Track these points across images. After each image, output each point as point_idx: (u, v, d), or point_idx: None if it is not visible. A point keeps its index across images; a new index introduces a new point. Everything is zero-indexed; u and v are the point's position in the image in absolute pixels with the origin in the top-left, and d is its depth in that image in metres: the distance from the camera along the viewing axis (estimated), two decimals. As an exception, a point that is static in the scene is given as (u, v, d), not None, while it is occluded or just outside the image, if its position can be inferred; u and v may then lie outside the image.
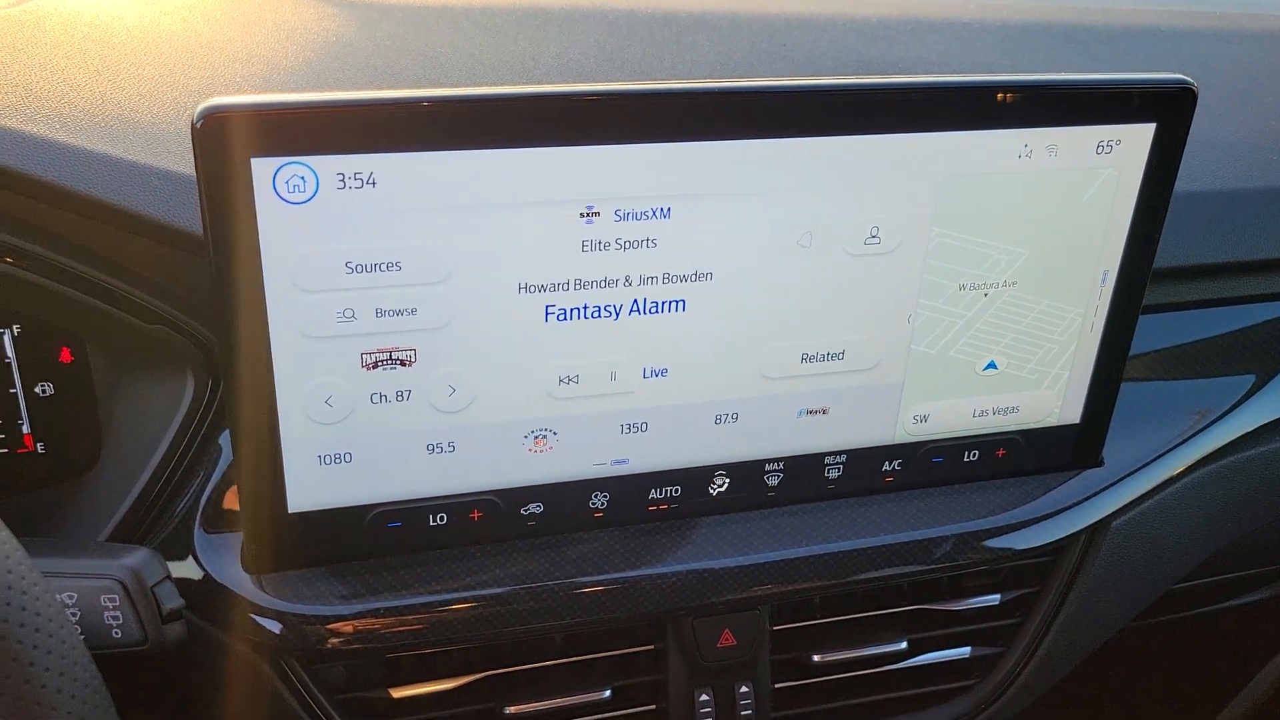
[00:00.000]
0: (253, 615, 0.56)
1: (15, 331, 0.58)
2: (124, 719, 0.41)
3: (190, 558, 0.57)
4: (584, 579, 0.60)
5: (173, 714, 0.64)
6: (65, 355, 0.59)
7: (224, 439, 0.59)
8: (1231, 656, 1.03)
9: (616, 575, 0.60)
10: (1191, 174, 0.72)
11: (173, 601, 0.49)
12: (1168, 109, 0.58)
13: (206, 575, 0.56)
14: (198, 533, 0.57)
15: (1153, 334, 0.76)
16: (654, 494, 0.61)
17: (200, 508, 0.58)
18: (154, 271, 0.57)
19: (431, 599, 0.57)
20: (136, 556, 0.49)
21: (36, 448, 0.60)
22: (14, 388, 0.59)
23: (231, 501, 0.58)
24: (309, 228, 0.49)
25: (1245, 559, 0.88)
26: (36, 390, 0.59)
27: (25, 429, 0.60)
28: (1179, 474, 0.72)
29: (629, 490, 0.61)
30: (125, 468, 0.59)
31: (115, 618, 0.47)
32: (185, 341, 0.58)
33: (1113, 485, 0.70)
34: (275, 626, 0.56)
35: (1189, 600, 0.92)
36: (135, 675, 0.53)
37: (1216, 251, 0.74)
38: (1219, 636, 1.01)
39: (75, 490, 0.61)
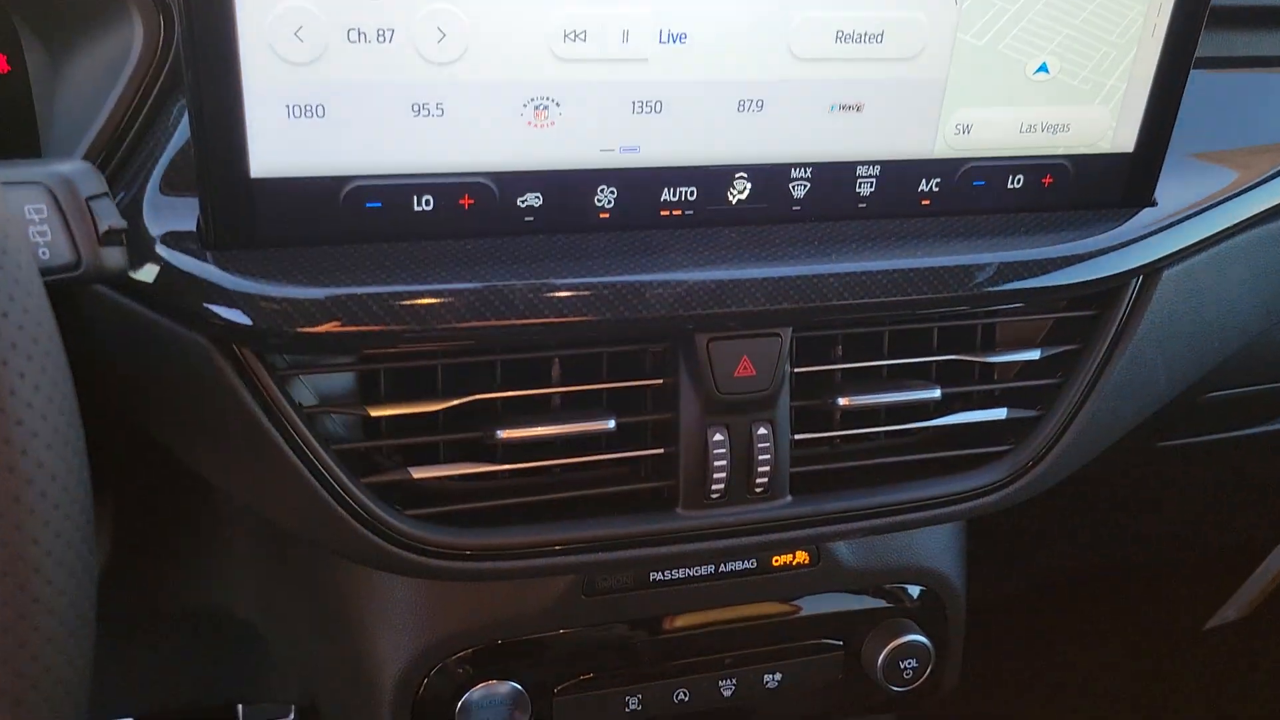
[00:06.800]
0: (208, 298, 0.49)
1: None
2: None
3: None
4: (587, 279, 0.53)
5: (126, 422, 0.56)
6: None
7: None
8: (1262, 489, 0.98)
9: (623, 278, 0.53)
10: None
11: (112, 219, 0.41)
12: None
13: (158, 250, 0.49)
14: (149, 198, 0.50)
15: (1209, 92, 0.70)
16: (667, 195, 0.55)
17: (152, 179, 0.51)
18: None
19: (413, 288, 0.50)
20: (70, 165, 0.41)
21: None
22: None
23: (189, 172, 0.50)
24: None
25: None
26: None
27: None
28: (1234, 226, 0.66)
29: (639, 186, 0.54)
30: (67, 144, 0.52)
31: (42, 234, 0.39)
32: None
33: (1166, 228, 0.63)
34: (235, 314, 0.49)
35: (1222, 417, 0.87)
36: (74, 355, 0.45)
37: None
38: (1249, 470, 0.96)
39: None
